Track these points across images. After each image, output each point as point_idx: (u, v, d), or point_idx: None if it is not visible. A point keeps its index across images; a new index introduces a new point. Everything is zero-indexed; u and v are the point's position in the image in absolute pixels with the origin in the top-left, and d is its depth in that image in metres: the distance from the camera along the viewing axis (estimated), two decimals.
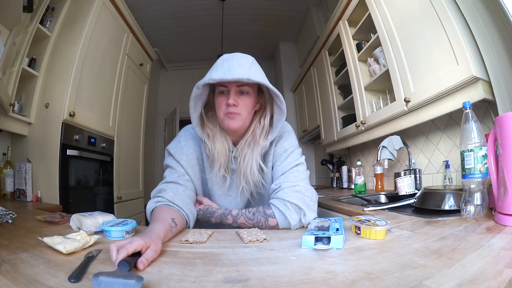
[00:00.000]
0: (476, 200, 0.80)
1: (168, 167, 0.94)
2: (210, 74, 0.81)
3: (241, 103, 0.84)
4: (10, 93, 1.67)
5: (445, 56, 1.26)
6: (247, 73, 0.78)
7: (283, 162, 0.91)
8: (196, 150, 0.94)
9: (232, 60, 0.81)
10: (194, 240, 0.72)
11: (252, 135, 0.89)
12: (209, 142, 0.88)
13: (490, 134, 0.82)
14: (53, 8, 2.05)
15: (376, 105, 1.99)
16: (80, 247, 0.62)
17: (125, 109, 2.78)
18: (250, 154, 0.88)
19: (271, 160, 0.94)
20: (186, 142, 0.95)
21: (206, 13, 3.43)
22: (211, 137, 0.89)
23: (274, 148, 0.94)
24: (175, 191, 0.87)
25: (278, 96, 0.83)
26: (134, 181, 3.03)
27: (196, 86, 0.81)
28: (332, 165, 3.06)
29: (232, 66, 0.79)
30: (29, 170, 1.79)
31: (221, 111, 0.85)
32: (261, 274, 0.50)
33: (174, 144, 0.96)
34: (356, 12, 2.11)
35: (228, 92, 0.83)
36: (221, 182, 0.92)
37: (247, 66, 0.80)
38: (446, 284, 0.42)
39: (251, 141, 0.89)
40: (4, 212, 0.95)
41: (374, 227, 0.69)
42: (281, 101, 0.84)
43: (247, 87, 0.84)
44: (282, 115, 0.87)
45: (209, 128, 0.89)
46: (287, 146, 0.93)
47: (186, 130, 0.99)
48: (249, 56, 0.84)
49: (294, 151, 0.93)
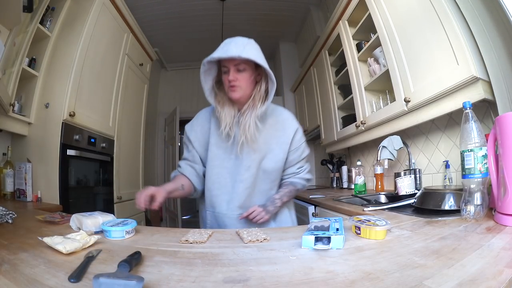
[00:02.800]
0: (476, 200, 0.80)
1: (183, 143, 1.24)
2: (212, 54, 0.97)
3: (240, 77, 1.02)
4: (10, 93, 1.67)
5: (445, 56, 1.26)
6: (240, 51, 0.94)
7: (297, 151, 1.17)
8: (204, 123, 1.16)
9: (230, 43, 0.98)
10: (194, 240, 0.72)
11: (253, 101, 1.07)
12: (219, 106, 1.08)
13: (490, 134, 0.82)
14: (53, 8, 2.05)
15: (376, 105, 1.99)
16: (80, 247, 0.62)
17: (125, 109, 2.78)
18: (249, 115, 1.06)
19: (287, 143, 1.14)
20: (197, 120, 1.20)
21: (206, 13, 3.43)
22: (221, 103, 1.08)
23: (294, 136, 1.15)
24: (185, 167, 1.17)
25: (266, 69, 1.00)
26: (134, 181, 3.03)
27: (202, 63, 1.00)
28: (332, 165, 3.06)
29: (229, 47, 0.96)
30: (29, 170, 1.79)
31: (226, 86, 1.05)
32: (261, 274, 0.50)
33: (188, 124, 1.22)
34: (356, 12, 2.11)
35: (229, 70, 1.01)
36: (225, 141, 1.10)
37: (241, 46, 0.97)
38: (446, 284, 0.42)
39: (252, 106, 1.07)
40: (4, 212, 0.95)
41: (374, 227, 0.69)
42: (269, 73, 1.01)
43: (243, 64, 1.01)
44: (273, 85, 1.04)
45: (220, 97, 1.09)
46: (302, 140, 1.19)
47: (200, 111, 1.22)
48: (248, 39, 1.02)
49: (303, 143, 1.19)
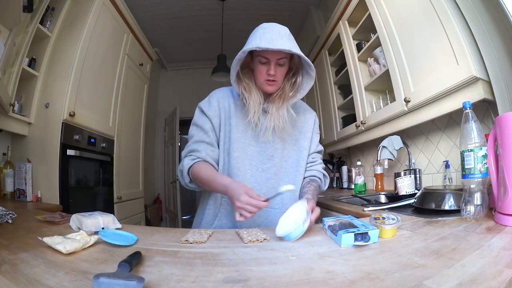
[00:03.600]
0: (476, 200, 0.80)
1: (196, 125, 1.07)
2: (256, 42, 0.91)
3: (279, 72, 0.98)
4: (10, 93, 1.67)
5: (445, 56, 1.26)
6: (290, 46, 0.91)
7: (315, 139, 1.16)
8: (223, 103, 1.07)
9: (273, 31, 0.93)
10: (194, 240, 0.72)
11: (282, 91, 1.04)
12: (246, 93, 1.01)
13: (490, 134, 0.82)
14: (53, 8, 2.05)
15: (376, 105, 1.99)
16: (80, 247, 0.62)
17: (125, 109, 2.78)
18: (280, 104, 1.02)
19: (310, 131, 1.13)
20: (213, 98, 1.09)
21: (206, 13, 3.43)
22: (247, 89, 1.02)
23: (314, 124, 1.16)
24: (206, 151, 1.03)
25: (310, 65, 0.98)
26: (134, 181, 3.03)
27: (242, 51, 0.92)
28: (332, 165, 3.06)
29: (276, 37, 0.91)
30: (29, 170, 1.79)
31: (261, 77, 0.99)
32: (261, 274, 0.50)
33: (204, 101, 1.10)
34: (356, 12, 2.11)
35: (269, 63, 0.96)
36: (247, 126, 1.04)
37: (286, 38, 0.92)
38: (446, 284, 0.42)
39: (282, 95, 1.04)
40: (4, 212, 0.94)
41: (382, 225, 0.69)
42: (311, 69, 0.99)
43: (284, 59, 0.97)
44: (311, 80, 1.03)
45: (245, 83, 1.02)
46: (318, 130, 1.19)
47: (214, 92, 1.13)
48: (286, 28, 0.96)
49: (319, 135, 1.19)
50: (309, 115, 1.16)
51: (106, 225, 0.82)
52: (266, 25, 0.95)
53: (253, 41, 0.92)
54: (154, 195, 4.36)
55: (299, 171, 1.09)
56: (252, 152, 1.04)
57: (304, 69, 1.02)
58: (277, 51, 0.91)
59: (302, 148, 1.11)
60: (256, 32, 0.95)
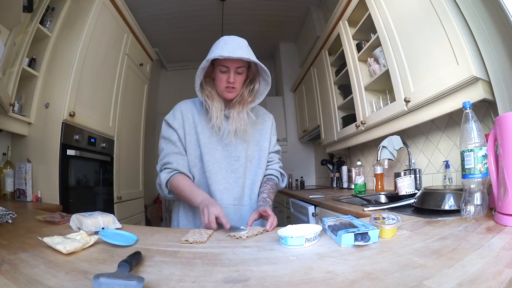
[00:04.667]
0: (476, 200, 0.80)
1: (164, 138, 1.16)
2: (218, 51, 0.99)
3: (238, 80, 1.07)
4: (10, 93, 1.67)
5: (445, 56, 1.26)
6: (249, 54, 1.01)
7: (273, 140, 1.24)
8: (187, 114, 1.15)
9: (233, 42, 1.02)
10: (194, 240, 0.72)
11: (241, 97, 1.12)
12: (209, 100, 1.10)
13: (490, 134, 0.82)
14: (53, 8, 2.05)
15: (376, 105, 1.99)
16: (80, 247, 0.62)
17: (125, 109, 2.78)
18: (240, 109, 1.11)
19: (268, 133, 1.22)
20: (177, 110, 1.17)
21: (206, 13, 3.43)
22: (210, 97, 1.10)
23: (272, 125, 1.25)
24: (177, 161, 1.10)
25: (266, 72, 1.08)
26: (134, 181, 3.03)
27: (206, 59, 1.01)
28: (332, 165, 3.06)
29: (234, 47, 1.00)
30: (29, 170, 1.79)
31: (222, 85, 1.07)
32: (261, 274, 0.50)
33: (169, 114, 1.18)
34: (356, 12, 2.10)
35: (229, 71, 1.04)
36: (212, 132, 1.12)
37: (245, 49, 1.03)
38: (446, 284, 0.42)
39: (241, 101, 1.12)
40: (4, 212, 0.94)
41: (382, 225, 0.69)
42: (268, 75, 1.09)
43: (243, 68, 1.06)
44: (267, 85, 1.12)
45: (208, 91, 1.10)
46: (276, 132, 1.27)
47: (178, 104, 1.20)
48: (244, 40, 1.06)
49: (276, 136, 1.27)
50: (267, 118, 1.25)
51: (106, 225, 0.82)
52: (227, 37, 1.04)
53: (216, 51, 1.00)
54: (154, 195, 4.35)
55: (261, 168, 1.19)
56: (219, 155, 1.13)
57: (261, 75, 1.11)
58: (236, 60, 1.01)
59: (263, 148, 1.20)
60: (218, 43, 1.03)
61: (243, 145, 1.15)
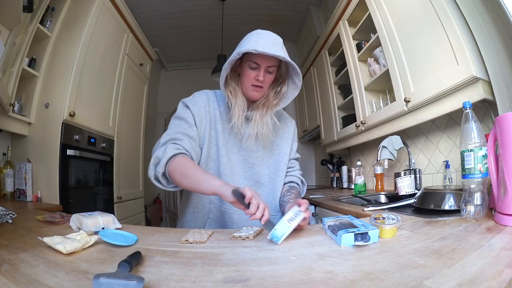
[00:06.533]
0: (476, 200, 0.80)
1: (178, 118, 1.03)
2: (251, 45, 0.90)
3: (267, 79, 0.98)
4: (10, 93, 1.67)
5: (445, 56, 1.26)
6: (282, 52, 0.92)
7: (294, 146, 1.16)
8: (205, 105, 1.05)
9: (268, 37, 0.93)
10: (194, 240, 0.72)
11: (266, 98, 1.04)
12: (232, 97, 1.00)
13: (490, 134, 0.82)
14: (53, 8, 2.05)
15: (376, 105, 1.99)
16: (80, 247, 0.62)
17: (125, 109, 2.78)
18: (264, 111, 1.02)
19: (291, 137, 1.15)
20: (199, 97, 1.07)
21: (206, 13, 3.43)
22: (233, 94, 1.01)
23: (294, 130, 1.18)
24: (190, 143, 0.97)
25: (298, 75, 0.99)
26: (134, 181, 3.03)
27: (237, 52, 0.91)
28: (332, 165, 3.06)
29: (270, 43, 0.91)
30: (29, 170, 1.79)
31: (249, 82, 0.98)
32: (261, 274, 0.50)
33: (188, 98, 1.07)
34: (356, 12, 2.11)
35: (259, 68, 0.96)
36: (236, 133, 1.02)
37: (280, 46, 0.94)
38: (446, 284, 0.42)
39: (265, 103, 1.03)
40: (4, 212, 0.94)
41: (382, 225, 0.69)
42: (299, 79, 1.00)
43: (274, 67, 0.98)
44: (296, 89, 1.03)
45: (232, 87, 1.01)
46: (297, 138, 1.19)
47: (199, 92, 1.10)
48: (279, 37, 0.97)
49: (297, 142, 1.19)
50: (290, 123, 1.18)
51: (106, 225, 0.82)
52: (261, 31, 0.95)
53: (248, 44, 0.91)
54: (154, 195, 4.35)
55: (280, 176, 1.10)
56: (234, 159, 1.04)
57: (290, 78, 1.03)
58: (269, 57, 0.92)
59: (284, 153, 1.12)
60: (251, 36, 0.94)
61: (261, 152, 1.06)
